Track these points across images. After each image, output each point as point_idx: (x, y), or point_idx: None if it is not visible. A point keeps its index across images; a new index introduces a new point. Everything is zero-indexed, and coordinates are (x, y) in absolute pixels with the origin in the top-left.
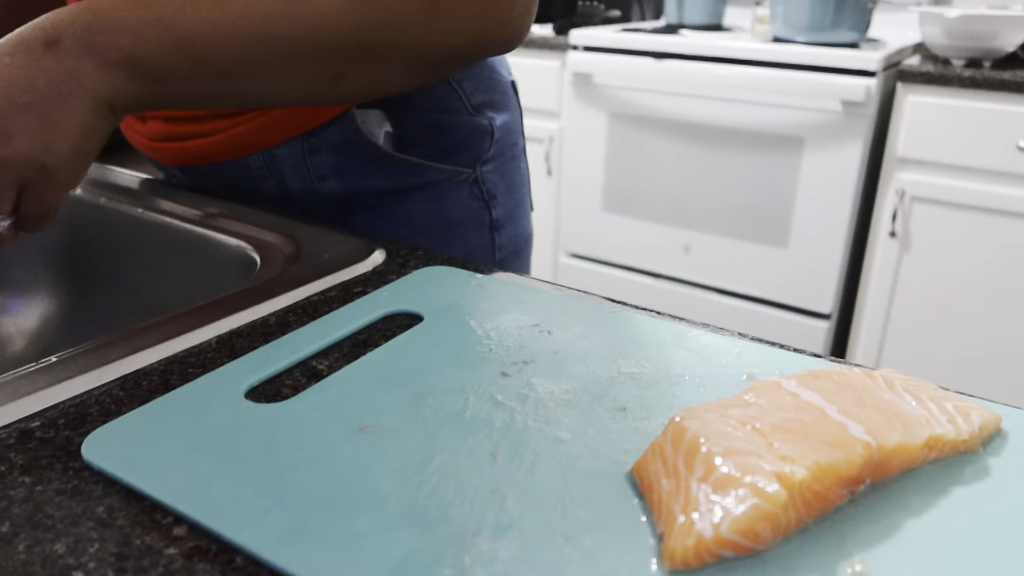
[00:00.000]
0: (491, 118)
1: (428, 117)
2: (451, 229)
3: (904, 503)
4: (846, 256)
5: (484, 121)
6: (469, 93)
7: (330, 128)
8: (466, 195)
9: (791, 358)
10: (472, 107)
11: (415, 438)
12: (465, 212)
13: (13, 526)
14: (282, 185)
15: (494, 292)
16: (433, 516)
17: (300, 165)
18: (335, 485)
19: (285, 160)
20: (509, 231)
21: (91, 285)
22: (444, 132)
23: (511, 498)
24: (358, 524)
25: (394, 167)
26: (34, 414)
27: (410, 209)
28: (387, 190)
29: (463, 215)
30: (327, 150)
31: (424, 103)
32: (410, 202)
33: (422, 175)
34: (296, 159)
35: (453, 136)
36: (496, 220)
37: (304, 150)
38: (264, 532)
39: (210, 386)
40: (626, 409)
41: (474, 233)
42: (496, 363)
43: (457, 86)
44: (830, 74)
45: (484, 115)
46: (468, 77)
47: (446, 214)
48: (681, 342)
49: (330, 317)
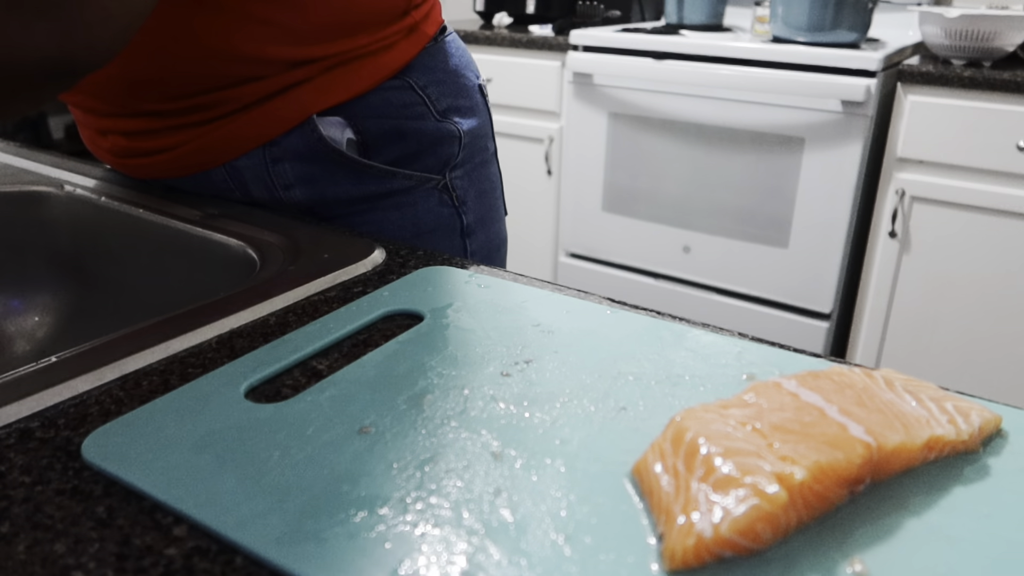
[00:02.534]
0: (458, 124)
1: (390, 123)
2: (422, 236)
3: (904, 503)
4: (846, 256)
5: (451, 127)
6: (434, 98)
7: (291, 137)
8: (436, 202)
9: (791, 358)
10: (438, 112)
11: (415, 438)
12: (436, 219)
13: (13, 526)
14: (247, 196)
15: (494, 292)
16: (433, 516)
17: (263, 175)
18: (335, 485)
19: (248, 171)
20: (481, 237)
21: (91, 285)
22: (408, 138)
23: (511, 498)
24: (358, 524)
25: (360, 174)
26: (34, 414)
27: (380, 217)
28: (355, 198)
29: (434, 222)
30: (290, 159)
31: (386, 109)
32: (379, 210)
33: (390, 182)
34: (259, 169)
35: (419, 142)
36: (467, 226)
37: (267, 160)
38: (264, 532)
39: (210, 386)
40: (626, 409)
41: (445, 239)
42: (496, 363)
43: (421, 91)
44: (830, 74)
45: (451, 120)
46: (433, 82)
47: (416, 221)
48: (681, 342)
49: (330, 317)
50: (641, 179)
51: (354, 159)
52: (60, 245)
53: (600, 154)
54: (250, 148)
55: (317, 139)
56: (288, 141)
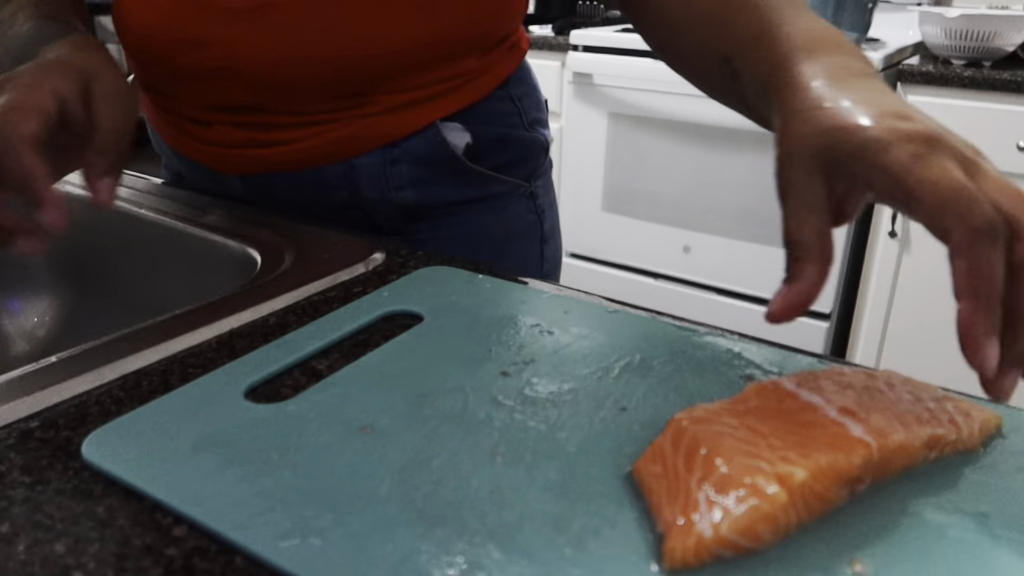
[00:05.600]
0: (544, 134)
1: (498, 131)
2: (510, 241)
3: (904, 503)
4: (846, 256)
5: (540, 137)
6: (525, 110)
7: (413, 140)
8: (524, 208)
9: (791, 358)
10: (527, 123)
11: (415, 438)
12: (523, 224)
13: (13, 526)
14: (356, 195)
15: (494, 292)
16: (433, 516)
17: (379, 175)
18: (335, 485)
19: (365, 170)
20: (553, 244)
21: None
22: (508, 146)
23: (511, 498)
24: (358, 524)
25: (466, 178)
26: (34, 414)
27: (474, 220)
28: (456, 201)
29: (521, 227)
30: (408, 161)
31: (493, 117)
32: (475, 212)
33: (489, 187)
34: (376, 169)
35: (516, 150)
36: (545, 233)
37: (386, 160)
38: (264, 532)
39: (210, 386)
40: (626, 409)
41: (528, 246)
42: (496, 363)
43: (517, 102)
44: None
45: (537, 131)
46: (524, 94)
47: (507, 226)
48: (681, 342)
49: (330, 317)
50: (641, 179)
51: (467, 164)
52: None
53: (600, 154)
54: (373, 148)
55: (439, 143)
56: (409, 144)
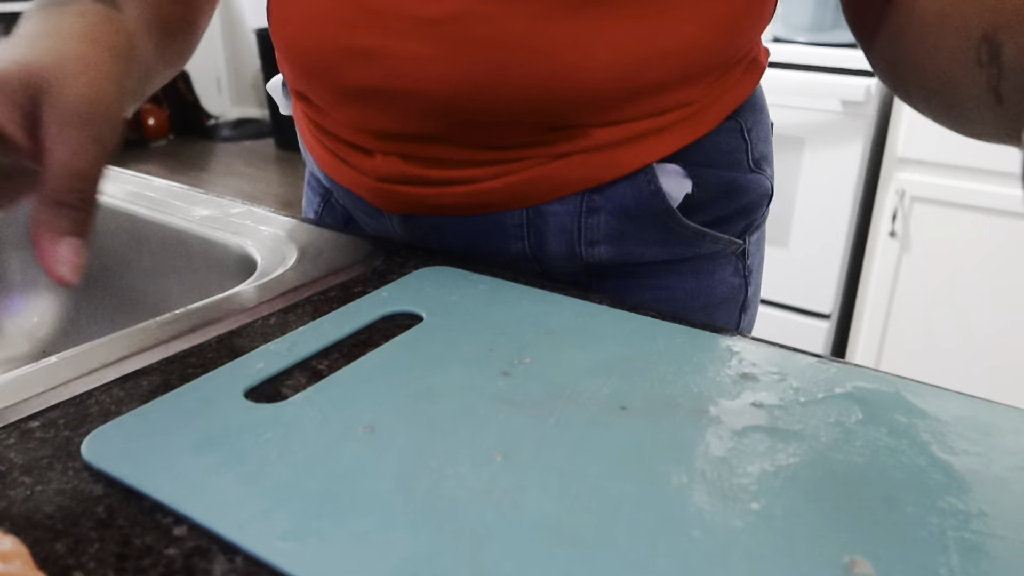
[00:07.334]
0: (769, 176)
1: (723, 176)
2: (710, 309)
3: (904, 504)
4: (846, 256)
5: (764, 180)
6: (753, 143)
7: (620, 185)
8: (731, 271)
9: (791, 358)
10: (752, 162)
11: (416, 438)
12: (727, 291)
13: (13, 526)
14: (539, 248)
15: (494, 292)
16: (434, 516)
17: (571, 226)
18: (336, 485)
19: (555, 219)
20: (751, 312)
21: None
22: (733, 195)
23: (512, 498)
24: (359, 524)
25: (674, 235)
26: (34, 414)
27: (673, 284)
28: (658, 261)
29: (725, 294)
30: (609, 212)
31: (716, 156)
32: (674, 275)
33: (698, 245)
34: (568, 219)
35: (739, 199)
36: (748, 299)
37: (581, 209)
38: (265, 532)
39: (210, 386)
40: (626, 408)
41: (726, 314)
42: (496, 362)
43: (746, 135)
44: (830, 74)
45: (763, 171)
46: (756, 123)
47: (711, 292)
48: (680, 341)
49: (330, 317)
50: None
51: (680, 220)
52: None
53: None
54: (568, 193)
55: (652, 193)
56: (615, 190)
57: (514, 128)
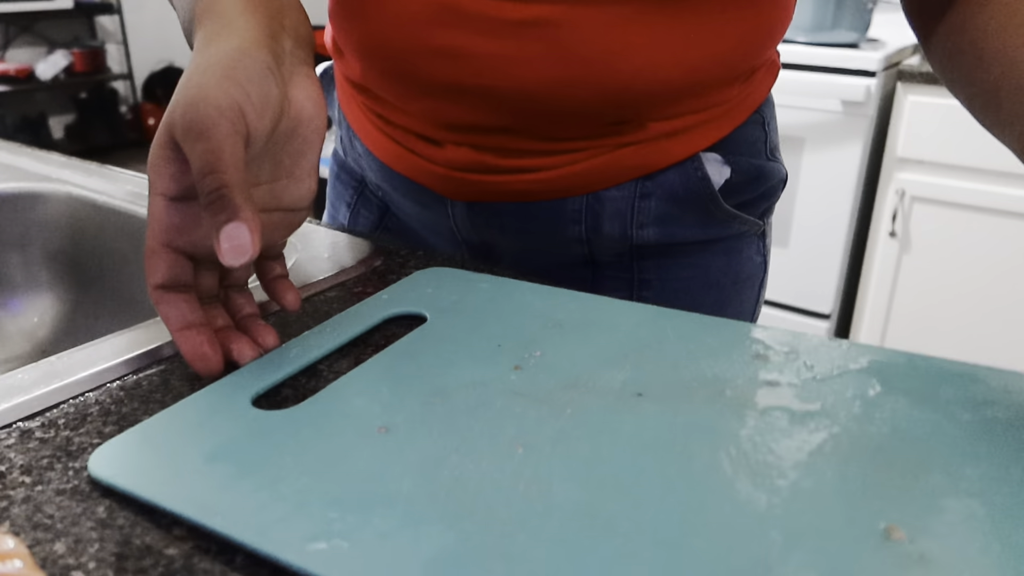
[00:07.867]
0: (782, 163)
1: (752, 163)
2: (738, 284)
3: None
4: (846, 256)
5: (781, 167)
6: (771, 134)
7: (671, 172)
8: (754, 250)
9: (801, 338)
10: (770, 150)
11: (434, 435)
12: (752, 268)
13: (13, 526)
14: (594, 231)
15: (496, 290)
16: (461, 511)
17: (625, 210)
18: (357, 486)
19: (611, 204)
20: (765, 289)
21: (91, 285)
22: (758, 180)
23: (536, 488)
24: (385, 523)
25: (710, 217)
26: (34, 414)
27: (708, 262)
28: (695, 241)
29: (749, 271)
30: (659, 196)
31: (745, 147)
32: (709, 254)
33: (730, 226)
34: (623, 204)
35: (762, 184)
36: (765, 276)
37: (635, 194)
38: (290, 537)
39: (216, 396)
40: (643, 395)
41: (749, 291)
42: (507, 357)
43: (766, 126)
44: (830, 74)
45: (778, 160)
46: (772, 116)
47: (739, 269)
48: (687, 327)
49: (333, 321)
50: None
51: (720, 203)
52: (60, 245)
53: None
54: (625, 179)
55: (699, 179)
56: (666, 176)
57: (582, 121)
